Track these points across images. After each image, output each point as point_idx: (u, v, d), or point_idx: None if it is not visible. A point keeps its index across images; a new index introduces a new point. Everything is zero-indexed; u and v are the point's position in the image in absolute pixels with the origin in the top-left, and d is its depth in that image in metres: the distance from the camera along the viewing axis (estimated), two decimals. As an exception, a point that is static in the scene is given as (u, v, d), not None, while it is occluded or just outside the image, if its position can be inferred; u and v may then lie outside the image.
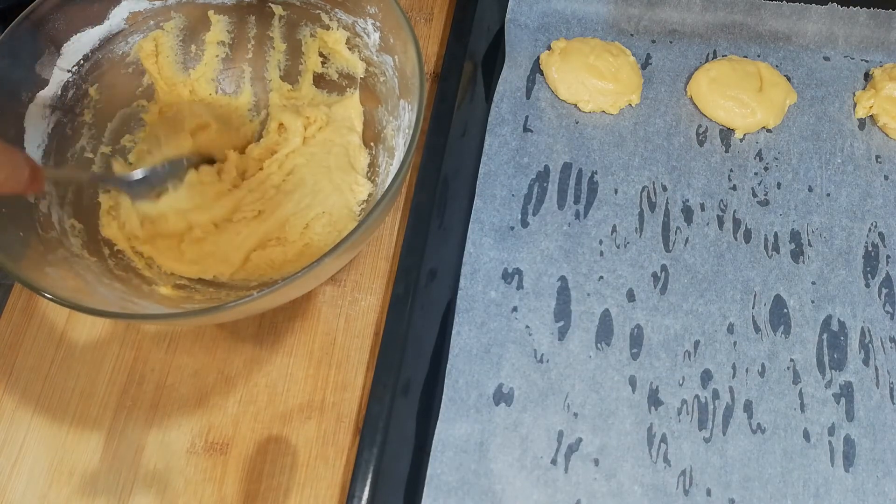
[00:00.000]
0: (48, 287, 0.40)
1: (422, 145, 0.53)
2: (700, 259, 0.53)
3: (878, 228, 0.53)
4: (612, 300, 0.51)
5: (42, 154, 0.48)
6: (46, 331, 0.52)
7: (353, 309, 0.52)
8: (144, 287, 0.48)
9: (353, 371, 0.50)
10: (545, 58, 0.59)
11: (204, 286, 0.50)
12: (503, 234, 0.53)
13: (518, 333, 0.50)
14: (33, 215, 0.46)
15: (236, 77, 0.57)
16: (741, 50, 0.60)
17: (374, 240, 0.55)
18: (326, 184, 0.52)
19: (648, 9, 0.61)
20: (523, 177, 0.56)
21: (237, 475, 0.48)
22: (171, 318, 0.42)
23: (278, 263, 0.50)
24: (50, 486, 0.48)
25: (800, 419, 0.48)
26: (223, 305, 0.39)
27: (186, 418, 0.49)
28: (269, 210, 0.51)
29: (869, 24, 0.60)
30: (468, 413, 0.48)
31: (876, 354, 0.49)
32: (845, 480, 0.46)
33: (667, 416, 0.48)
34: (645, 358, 0.50)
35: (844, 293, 0.51)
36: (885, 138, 0.57)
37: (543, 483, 0.46)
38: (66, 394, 0.50)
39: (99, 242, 0.49)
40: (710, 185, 0.55)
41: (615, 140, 0.57)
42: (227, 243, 0.50)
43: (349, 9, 0.51)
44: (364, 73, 0.54)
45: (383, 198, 0.41)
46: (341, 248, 0.39)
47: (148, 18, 0.52)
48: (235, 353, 0.51)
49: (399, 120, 0.50)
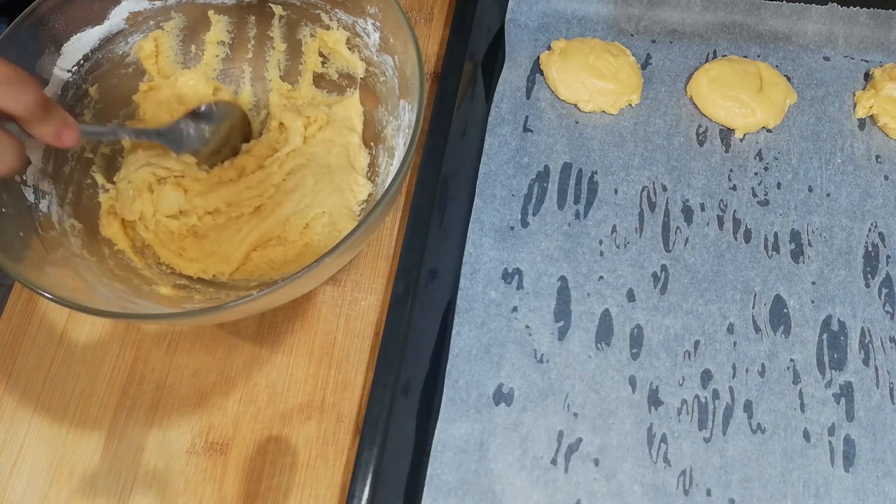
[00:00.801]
0: (48, 287, 0.40)
1: (422, 145, 0.53)
2: (700, 259, 0.53)
3: (878, 228, 0.53)
4: (612, 300, 0.51)
5: (42, 154, 0.48)
6: (46, 331, 0.52)
7: (353, 309, 0.52)
8: (144, 287, 0.48)
9: (353, 371, 0.50)
10: (545, 58, 0.59)
11: (204, 286, 0.50)
12: (503, 234, 0.53)
13: (518, 333, 0.50)
14: (33, 215, 0.46)
15: (236, 77, 0.57)
16: (741, 50, 0.60)
17: (374, 240, 0.55)
18: (327, 184, 0.52)
19: (648, 9, 0.61)
20: (523, 177, 0.56)
21: (237, 475, 0.48)
22: (170, 317, 0.42)
23: (278, 263, 0.50)
24: (50, 486, 0.48)
25: (800, 419, 0.48)
26: (223, 305, 0.39)
27: (186, 418, 0.49)
28: (268, 207, 0.51)
29: (869, 24, 0.60)
30: (468, 413, 0.48)
31: (876, 354, 0.49)
32: (845, 480, 0.46)
33: (667, 416, 0.48)
34: (645, 358, 0.50)
35: (844, 293, 0.51)
36: (885, 138, 0.57)
37: (543, 483, 0.46)
38: (66, 394, 0.50)
39: (99, 242, 0.50)
40: (710, 185, 0.55)
41: (615, 140, 0.57)
42: (228, 241, 0.50)
43: (349, 9, 0.51)
44: (364, 73, 0.54)
45: (383, 198, 0.41)
46: (341, 248, 0.39)
47: (148, 18, 0.52)
48: (235, 353, 0.51)
49: (399, 120, 0.50)
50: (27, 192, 0.47)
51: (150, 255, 0.51)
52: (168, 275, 0.50)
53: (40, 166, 0.48)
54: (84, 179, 0.51)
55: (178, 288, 0.49)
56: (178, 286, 0.49)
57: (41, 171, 0.48)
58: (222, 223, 0.51)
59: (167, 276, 0.50)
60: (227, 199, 0.52)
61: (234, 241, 0.50)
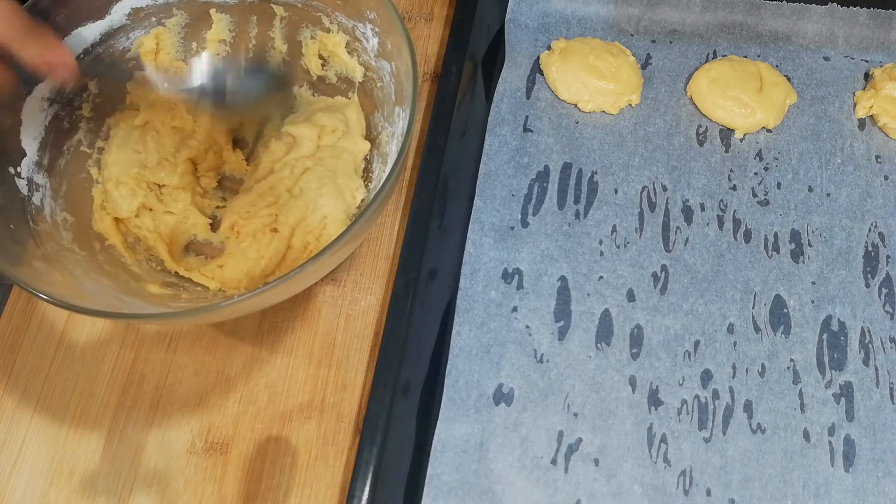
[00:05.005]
0: (32, 281, 0.41)
1: (422, 145, 0.53)
2: (700, 259, 0.53)
3: (878, 228, 0.53)
4: (612, 300, 0.51)
5: (38, 146, 0.48)
6: (46, 331, 0.52)
7: (353, 309, 0.52)
8: (132, 283, 0.48)
9: (353, 371, 0.50)
10: (545, 58, 0.59)
11: (192, 285, 0.50)
12: (503, 234, 0.53)
13: (518, 333, 0.50)
14: (26, 208, 0.46)
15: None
16: (741, 50, 0.60)
17: (374, 240, 0.55)
18: (331, 188, 0.51)
19: (648, 9, 0.61)
20: (523, 177, 0.56)
21: (237, 475, 0.48)
22: (170, 317, 0.42)
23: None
24: (50, 486, 0.48)
25: (800, 419, 0.48)
26: (218, 304, 0.39)
27: (186, 418, 0.49)
28: (282, 218, 0.51)
29: (869, 24, 0.60)
30: (468, 413, 0.48)
31: (876, 354, 0.49)
32: (845, 480, 0.46)
33: (667, 416, 0.48)
34: (645, 358, 0.50)
35: (844, 293, 0.51)
36: (885, 138, 0.57)
37: (543, 483, 0.46)
38: (66, 394, 0.50)
39: (90, 237, 0.49)
40: (710, 185, 0.55)
41: (615, 140, 0.57)
42: (245, 271, 0.50)
43: (349, 13, 0.51)
44: (362, 77, 0.54)
45: (369, 206, 0.41)
46: (325, 254, 0.40)
47: (150, 14, 0.52)
48: (235, 353, 0.51)
49: (394, 126, 0.50)
50: (21, 184, 0.47)
51: (142, 251, 0.51)
52: (157, 272, 0.50)
53: (35, 158, 0.48)
54: (79, 173, 0.51)
55: (166, 286, 0.49)
56: (167, 284, 0.49)
57: (36, 164, 0.48)
58: (241, 250, 0.51)
59: (156, 274, 0.50)
60: (240, 211, 0.51)
61: (254, 273, 0.50)
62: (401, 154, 0.43)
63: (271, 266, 0.50)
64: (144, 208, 0.51)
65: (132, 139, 0.52)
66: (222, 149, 0.55)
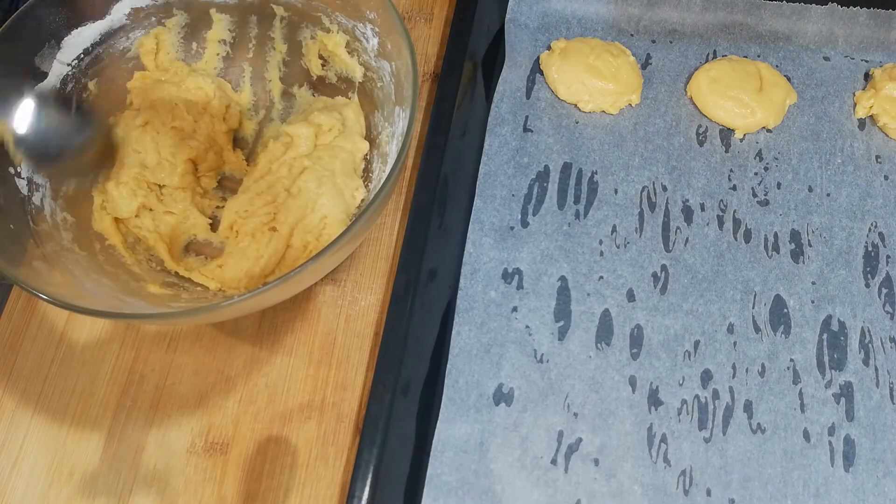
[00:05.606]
0: (32, 281, 0.41)
1: (422, 145, 0.53)
2: (700, 259, 0.53)
3: (878, 228, 0.53)
4: (612, 300, 0.51)
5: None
6: (46, 331, 0.52)
7: (353, 309, 0.52)
8: (132, 283, 0.48)
9: (353, 371, 0.50)
10: (545, 58, 0.59)
11: (192, 285, 0.50)
12: (503, 234, 0.53)
13: (518, 333, 0.50)
14: (26, 208, 0.46)
15: (236, 76, 0.57)
16: (741, 50, 0.60)
17: (374, 240, 0.55)
18: (330, 188, 0.51)
19: (648, 9, 0.61)
20: (523, 177, 0.56)
21: (237, 475, 0.48)
22: (170, 317, 0.42)
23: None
24: (50, 486, 0.48)
25: (800, 419, 0.48)
26: (218, 304, 0.39)
27: (186, 418, 0.49)
28: (281, 217, 0.51)
29: (869, 24, 0.60)
30: (468, 413, 0.48)
31: (876, 354, 0.50)
32: (845, 480, 0.46)
33: (667, 416, 0.48)
34: (645, 358, 0.50)
35: (844, 293, 0.51)
36: (885, 138, 0.57)
37: (543, 483, 0.46)
38: (66, 394, 0.50)
39: (90, 237, 0.49)
40: (710, 185, 0.55)
41: (615, 140, 0.57)
42: (245, 270, 0.50)
43: (349, 13, 0.51)
44: (362, 77, 0.54)
45: (369, 206, 0.41)
46: (324, 255, 0.39)
47: (150, 14, 0.52)
48: (235, 353, 0.51)
49: (394, 126, 0.50)
50: (20, 184, 0.47)
51: (142, 251, 0.51)
52: (157, 272, 0.50)
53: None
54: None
55: (166, 286, 0.49)
56: (167, 284, 0.49)
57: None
58: (240, 250, 0.50)
59: (156, 274, 0.50)
60: (239, 210, 0.51)
61: (253, 272, 0.50)
62: (401, 154, 0.43)
63: (271, 265, 0.50)
64: (144, 208, 0.51)
65: (132, 139, 0.52)
66: (222, 149, 0.55)
